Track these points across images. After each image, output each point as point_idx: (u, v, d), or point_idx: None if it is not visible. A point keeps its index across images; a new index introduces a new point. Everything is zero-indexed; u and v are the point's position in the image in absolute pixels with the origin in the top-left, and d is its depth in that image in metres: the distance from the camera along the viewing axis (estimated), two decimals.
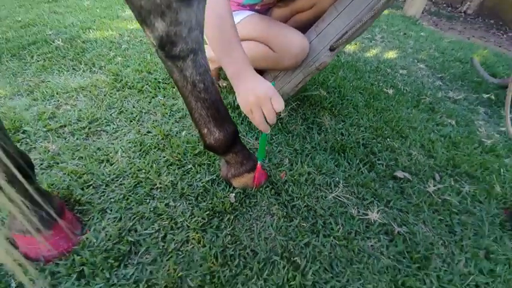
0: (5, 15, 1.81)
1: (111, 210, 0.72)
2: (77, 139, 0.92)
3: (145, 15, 0.45)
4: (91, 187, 0.77)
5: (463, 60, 2.23)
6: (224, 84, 1.29)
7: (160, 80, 1.29)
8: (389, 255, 0.72)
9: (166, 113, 1.10)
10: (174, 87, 1.25)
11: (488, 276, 0.72)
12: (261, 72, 1.15)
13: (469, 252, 0.75)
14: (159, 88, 1.24)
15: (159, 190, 0.79)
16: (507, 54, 2.72)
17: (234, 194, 0.79)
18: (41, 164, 0.82)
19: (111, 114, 1.05)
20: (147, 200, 0.76)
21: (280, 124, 1.11)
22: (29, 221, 0.49)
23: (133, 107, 1.11)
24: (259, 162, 0.79)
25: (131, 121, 1.04)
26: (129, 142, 0.94)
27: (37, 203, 0.52)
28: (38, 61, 1.29)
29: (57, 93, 1.10)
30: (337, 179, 0.93)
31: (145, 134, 0.99)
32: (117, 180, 0.80)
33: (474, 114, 1.52)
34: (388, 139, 1.16)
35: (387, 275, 0.68)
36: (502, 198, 0.94)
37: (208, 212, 0.74)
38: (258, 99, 0.66)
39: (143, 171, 0.84)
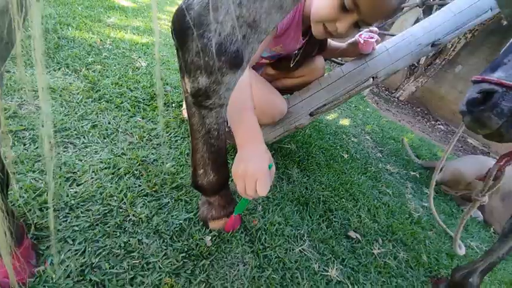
0: None
1: (73, 241, 0.64)
2: (38, 148, 0.82)
3: (193, 69, 0.48)
4: (52, 209, 0.67)
5: (396, 139, 2.71)
6: None
7: (140, 100, 1.25)
8: None
9: (144, 137, 1.06)
10: (154, 110, 1.22)
11: None
12: None
13: None
14: (139, 108, 1.20)
15: (131, 223, 0.73)
16: (429, 140, 3.40)
17: (210, 237, 0.79)
18: None
19: (82, 126, 0.96)
20: (117, 233, 0.69)
21: None
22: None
23: (109, 123, 1.04)
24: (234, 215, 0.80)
25: (105, 138, 0.97)
26: (101, 162, 0.87)
27: (10, 219, 0.45)
28: None
29: (21, 89, 0.97)
30: (302, 231, 1.00)
31: (119, 156, 0.93)
32: (84, 205, 0.72)
33: (404, 187, 1.83)
34: (343, 199, 1.31)
35: None
36: (428, 266, 1.13)
37: (183, 254, 0.71)
38: (245, 175, 0.65)
39: (115, 198, 0.78)
